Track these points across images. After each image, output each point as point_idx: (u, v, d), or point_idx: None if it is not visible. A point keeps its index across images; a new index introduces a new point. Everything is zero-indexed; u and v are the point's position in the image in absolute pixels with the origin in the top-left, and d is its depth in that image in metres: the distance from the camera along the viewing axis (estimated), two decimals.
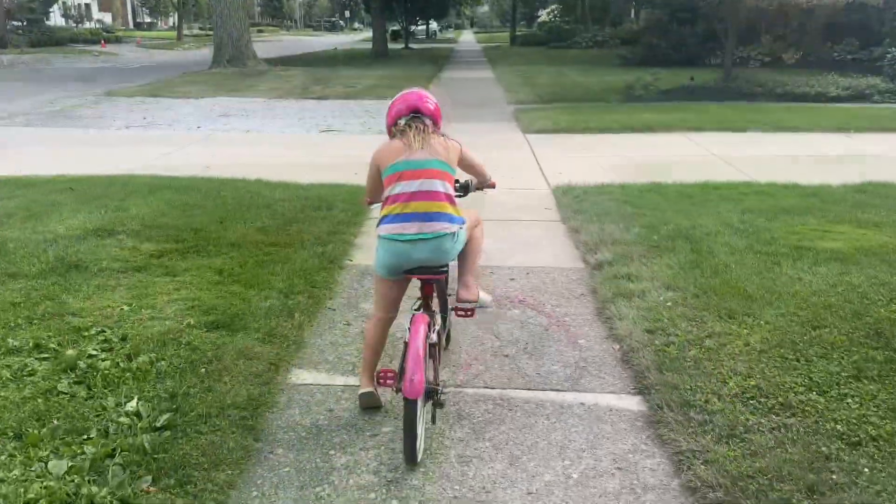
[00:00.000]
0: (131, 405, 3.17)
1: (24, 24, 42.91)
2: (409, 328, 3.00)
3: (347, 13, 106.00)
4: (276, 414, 3.32)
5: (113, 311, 4.12)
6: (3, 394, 3.26)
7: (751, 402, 3.28)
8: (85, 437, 2.96)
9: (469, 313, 3.39)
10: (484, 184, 3.60)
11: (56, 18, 55.97)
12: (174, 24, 62.37)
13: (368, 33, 42.41)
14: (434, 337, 3.04)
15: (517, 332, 4.20)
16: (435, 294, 3.32)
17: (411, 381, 2.75)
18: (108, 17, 70.99)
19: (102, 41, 44.06)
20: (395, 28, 47.59)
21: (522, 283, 4.97)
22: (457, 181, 3.36)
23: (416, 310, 3.19)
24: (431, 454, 3.02)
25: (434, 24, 65.52)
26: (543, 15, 61.64)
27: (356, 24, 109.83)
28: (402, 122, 3.16)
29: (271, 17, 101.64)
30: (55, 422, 3.04)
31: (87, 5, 67.42)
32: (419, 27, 55.12)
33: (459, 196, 3.38)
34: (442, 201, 3.06)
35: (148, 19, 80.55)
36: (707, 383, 3.43)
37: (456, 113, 14.18)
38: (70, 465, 2.76)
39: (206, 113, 14.09)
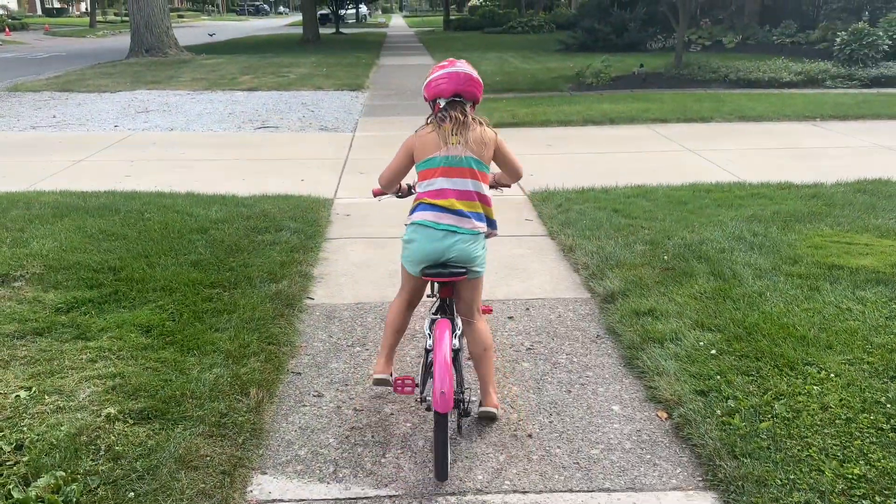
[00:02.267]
0: None
1: None
2: (429, 333, 2.91)
3: None
4: None
5: (5, 401, 3.08)
6: None
7: (864, 502, 2.54)
8: None
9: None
10: (500, 181, 3.27)
11: None
12: (87, 9, 58.66)
13: (295, 17, 40.67)
14: (456, 342, 2.88)
15: (534, 398, 3.36)
16: (451, 300, 3.04)
17: (442, 393, 2.58)
18: (13, 3, 66.50)
19: (6, 29, 40.96)
20: (323, 12, 45.89)
21: (525, 324, 4.13)
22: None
23: (433, 314, 3.03)
24: None
25: (364, 9, 63.76)
26: None
27: (282, 8, 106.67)
28: (442, 103, 2.93)
29: (191, 2, 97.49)
30: None
31: None
32: (349, 11, 53.38)
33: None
34: (474, 201, 2.95)
35: (58, 5, 75.86)
36: (800, 474, 2.67)
37: (402, 104, 13.25)
38: None
39: (124, 109, 12.70)
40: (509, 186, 3.34)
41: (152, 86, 15.86)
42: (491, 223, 3.00)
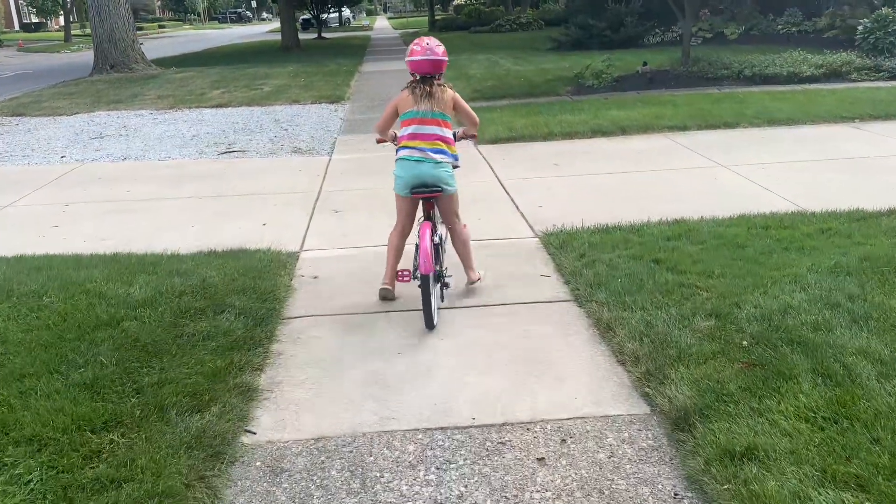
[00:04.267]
0: None
1: None
2: (418, 233, 4.10)
3: (254, 3, 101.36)
4: None
5: None
6: None
7: None
8: None
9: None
10: (467, 133, 4.42)
11: None
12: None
13: (278, 23, 39.17)
14: (437, 239, 4.13)
15: None
16: (433, 211, 4.26)
17: (424, 262, 3.87)
18: None
19: None
20: (305, 17, 44.46)
21: (563, 473, 2.80)
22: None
23: (421, 221, 4.20)
24: None
25: (347, 12, 62.23)
26: None
27: (264, 15, 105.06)
28: (418, 77, 4.14)
29: (172, 12, 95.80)
30: None
31: None
32: (331, 15, 51.87)
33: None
34: (437, 141, 4.14)
35: (35, 19, 73.99)
36: None
37: None
38: None
39: (76, 135, 11.32)
40: (475, 136, 4.60)
41: (113, 106, 14.44)
42: (454, 157, 4.20)
